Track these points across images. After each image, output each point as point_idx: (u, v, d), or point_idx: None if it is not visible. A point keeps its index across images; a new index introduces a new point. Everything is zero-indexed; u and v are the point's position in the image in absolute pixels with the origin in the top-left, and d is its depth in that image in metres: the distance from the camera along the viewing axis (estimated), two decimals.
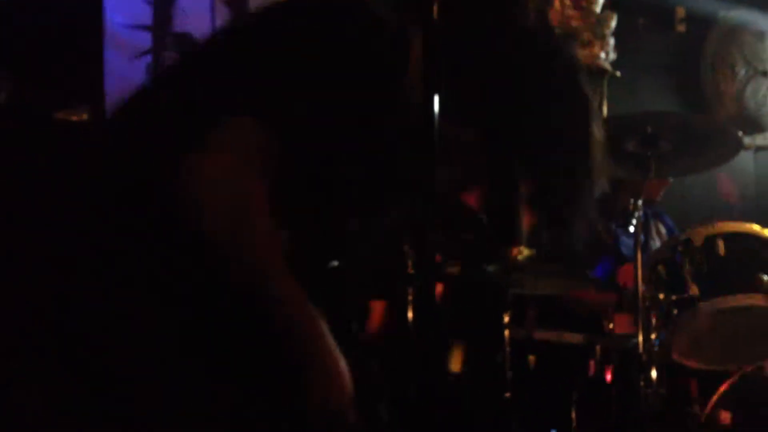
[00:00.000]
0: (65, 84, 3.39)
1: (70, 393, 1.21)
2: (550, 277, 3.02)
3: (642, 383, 2.49)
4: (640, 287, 2.50)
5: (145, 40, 3.75)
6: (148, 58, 3.74)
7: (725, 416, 2.75)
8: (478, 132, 1.36)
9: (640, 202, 2.53)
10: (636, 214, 2.51)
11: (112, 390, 1.22)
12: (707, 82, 4.98)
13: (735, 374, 2.79)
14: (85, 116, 3.27)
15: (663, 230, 3.69)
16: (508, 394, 2.94)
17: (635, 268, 2.52)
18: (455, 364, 3.15)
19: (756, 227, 2.88)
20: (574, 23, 3.90)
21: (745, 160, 4.92)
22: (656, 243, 3.55)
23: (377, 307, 3.16)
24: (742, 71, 5.03)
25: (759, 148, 5.06)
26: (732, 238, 2.80)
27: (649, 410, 2.61)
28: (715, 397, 2.78)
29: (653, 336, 2.64)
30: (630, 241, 3.39)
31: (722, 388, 2.78)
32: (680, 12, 4.82)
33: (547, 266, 3.06)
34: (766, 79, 5.08)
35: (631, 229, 2.96)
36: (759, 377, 2.82)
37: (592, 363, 3.00)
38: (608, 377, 2.99)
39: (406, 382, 3.00)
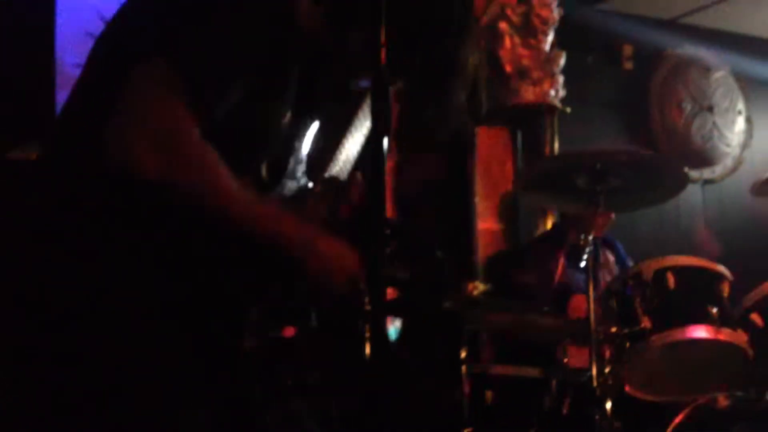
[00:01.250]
0: (16, 124, 3.36)
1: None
2: (505, 312, 3.04)
3: (597, 416, 2.51)
4: (593, 321, 2.53)
5: None
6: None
7: None
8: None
9: (590, 237, 2.57)
10: (587, 249, 2.55)
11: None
12: (655, 118, 5.10)
13: (688, 406, 2.82)
14: (35, 156, 3.23)
15: (611, 258, 3.74)
16: (467, 430, 2.95)
17: (587, 301, 2.55)
18: None
19: (703, 260, 2.93)
20: (525, 62, 3.97)
21: (693, 193, 5.03)
22: (604, 273, 3.60)
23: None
24: (688, 107, 5.16)
25: (706, 182, 5.18)
26: (681, 271, 2.84)
27: None
28: (669, 430, 2.80)
29: (607, 369, 2.66)
30: (580, 275, 3.45)
31: (676, 420, 2.81)
32: (627, 50, 4.94)
33: (502, 301, 3.09)
34: (712, 115, 5.22)
35: (582, 263, 3.01)
36: (712, 409, 2.85)
37: (548, 397, 3.02)
38: (564, 410, 3.02)
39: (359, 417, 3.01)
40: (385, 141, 1.19)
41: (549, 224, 4.41)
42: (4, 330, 1.36)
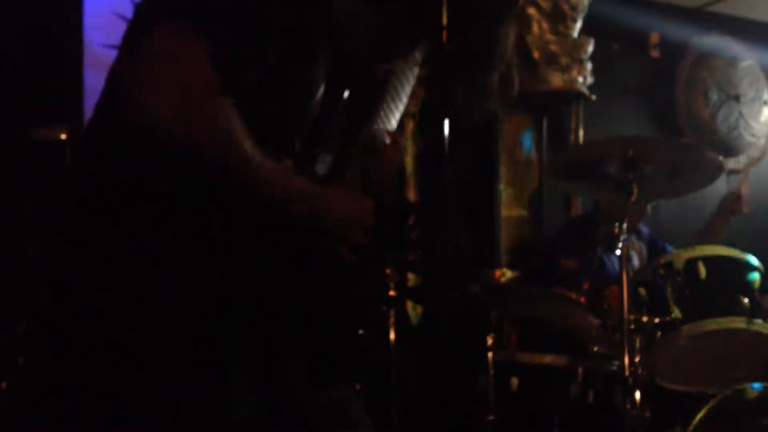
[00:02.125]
0: (44, 103, 3.35)
1: None
2: (533, 299, 3.03)
3: (628, 405, 2.49)
4: (626, 310, 2.51)
5: None
6: None
7: None
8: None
9: (624, 226, 2.54)
10: (621, 238, 2.52)
11: None
12: (680, 107, 5.05)
13: (716, 397, 2.81)
14: (63, 135, 3.23)
15: (638, 244, 3.72)
16: (491, 417, 2.94)
17: (621, 291, 2.53)
18: None
19: (735, 251, 2.91)
20: (552, 48, 3.94)
21: (717, 183, 4.98)
22: (634, 259, 3.58)
23: None
24: (714, 96, 5.11)
25: (731, 172, 5.13)
26: (712, 261, 2.83)
27: None
28: (696, 420, 2.79)
29: (637, 358, 2.64)
30: (614, 264, 3.43)
31: (704, 411, 2.79)
32: (654, 38, 4.89)
33: (530, 288, 3.07)
34: (738, 104, 5.17)
35: (618, 252, 2.98)
36: (740, 400, 2.83)
37: (574, 385, 3.00)
38: (590, 399, 3.00)
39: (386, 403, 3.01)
40: (446, 125, 1.17)
41: (573, 212, 4.38)
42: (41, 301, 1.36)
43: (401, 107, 1.71)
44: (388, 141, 1.65)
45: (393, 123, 1.71)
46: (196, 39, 1.28)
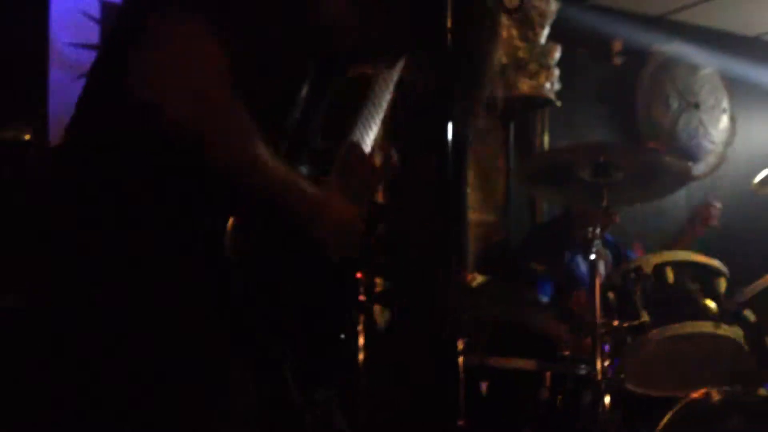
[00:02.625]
0: (8, 103, 3.29)
1: None
2: (503, 303, 3.05)
3: (600, 409, 2.52)
4: (598, 314, 2.55)
5: (91, 59, 3.66)
6: None
7: None
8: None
9: (598, 231, 2.58)
10: (595, 242, 2.56)
11: None
12: (642, 114, 5.13)
13: (682, 400, 2.85)
14: (27, 136, 3.18)
15: (603, 250, 3.76)
16: (461, 422, 2.95)
17: (592, 295, 2.56)
18: None
19: (701, 256, 2.96)
20: (521, 54, 3.97)
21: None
22: (600, 264, 3.63)
23: None
24: (675, 104, 5.20)
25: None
26: (680, 266, 2.88)
27: None
28: (663, 423, 2.83)
29: (606, 362, 2.68)
30: (582, 269, 3.47)
31: (670, 414, 2.84)
32: (617, 45, 4.95)
33: (501, 292, 3.09)
34: (698, 112, 5.26)
35: (583, 257, 3.01)
36: (706, 403, 2.88)
37: (543, 389, 3.03)
38: (559, 403, 3.03)
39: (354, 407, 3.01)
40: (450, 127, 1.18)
41: (538, 217, 4.43)
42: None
43: (381, 115, 1.72)
44: (368, 153, 1.66)
45: (373, 131, 1.71)
46: (209, 32, 1.26)
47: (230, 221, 1.34)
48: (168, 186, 1.34)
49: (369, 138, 1.70)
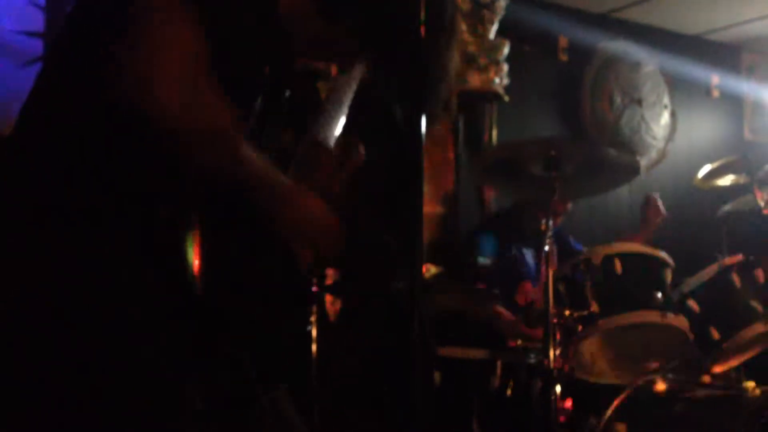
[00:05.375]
0: None
1: None
2: (456, 294, 3.09)
3: (552, 397, 2.58)
4: (551, 305, 2.60)
5: (36, 47, 3.60)
6: (39, 66, 3.59)
7: (621, 428, 2.87)
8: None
9: (550, 223, 2.63)
10: (548, 234, 2.60)
11: None
12: (586, 110, 5.22)
13: (629, 387, 2.92)
14: None
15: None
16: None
17: (546, 285, 2.61)
18: None
19: (648, 248, 3.03)
20: (471, 48, 4.01)
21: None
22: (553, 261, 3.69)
23: None
24: (618, 100, 5.31)
25: None
26: (628, 257, 2.94)
27: (552, 423, 2.70)
28: (610, 410, 2.90)
29: (558, 352, 2.73)
30: (529, 261, 3.53)
31: (617, 401, 2.91)
32: (563, 41, 5.04)
33: (453, 283, 3.12)
34: (640, 108, 5.38)
35: (530, 250, 3.07)
36: (652, 390, 2.96)
37: (494, 378, 3.08)
38: (509, 392, 3.08)
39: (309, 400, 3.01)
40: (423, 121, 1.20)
41: (486, 210, 4.48)
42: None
43: (344, 113, 1.73)
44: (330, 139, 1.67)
45: (336, 129, 1.72)
46: (190, 23, 1.25)
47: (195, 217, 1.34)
48: (134, 177, 1.32)
49: (331, 136, 1.71)
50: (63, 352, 1.26)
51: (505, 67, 4.21)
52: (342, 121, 1.74)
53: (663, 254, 2.99)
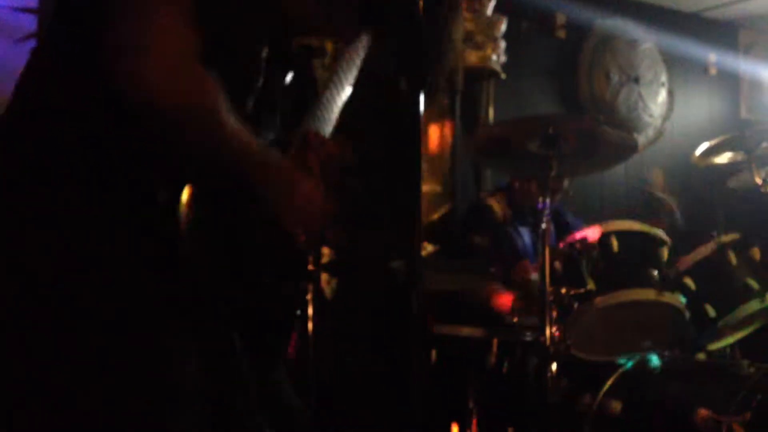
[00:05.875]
0: None
1: None
2: (452, 273, 3.09)
3: (548, 375, 2.58)
4: (547, 282, 2.60)
5: (30, 23, 3.58)
6: (33, 42, 3.56)
7: (616, 405, 2.88)
8: None
9: (548, 201, 2.62)
10: (545, 213, 2.60)
11: None
12: (583, 87, 5.21)
13: (624, 365, 2.93)
14: None
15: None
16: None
17: (543, 263, 2.61)
18: None
19: (645, 225, 3.03)
20: (468, 25, 3.99)
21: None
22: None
23: None
24: (615, 78, 5.29)
25: None
26: (624, 235, 2.94)
27: (548, 400, 2.71)
28: (605, 387, 2.91)
29: (554, 329, 2.73)
30: (526, 239, 3.53)
31: (612, 379, 2.92)
32: (560, 18, 5.01)
33: (450, 262, 3.12)
34: (637, 86, 5.36)
35: (543, 225, 3.05)
36: (646, 368, 2.97)
37: (490, 356, 3.08)
38: (505, 370, 3.09)
39: (305, 378, 3.02)
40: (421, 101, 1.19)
41: (483, 188, 4.47)
42: None
43: (346, 93, 1.72)
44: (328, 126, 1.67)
45: (336, 111, 1.71)
46: (184, 6, 1.25)
47: (187, 192, 1.33)
48: (126, 152, 1.32)
49: (332, 117, 1.70)
50: (55, 313, 1.27)
51: (503, 45, 4.19)
52: (344, 99, 1.73)
53: (659, 232, 3.00)
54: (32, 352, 1.28)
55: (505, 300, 3.24)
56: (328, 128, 1.73)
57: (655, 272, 2.86)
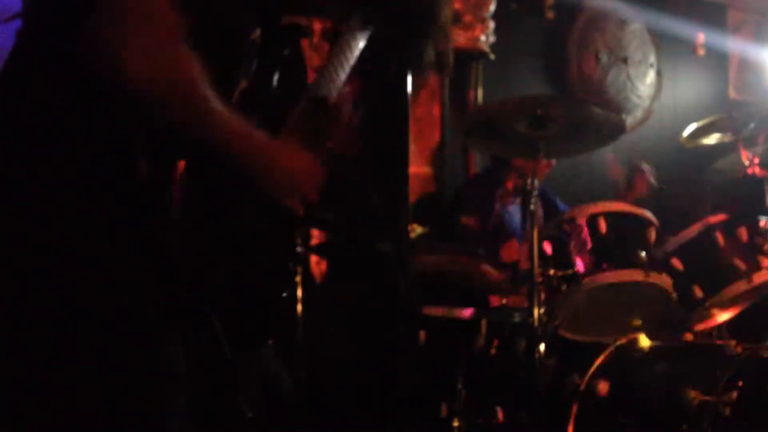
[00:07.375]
0: None
1: None
2: (441, 254, 3.08)
3: (537, 356, 2.59)
4: (536, 264, 2.60)
5: (15, 3, 3.53)
6: (18, 23, 3.53)
7: (604, 385, 2.90)
8: None
9: (536, 182, 2.62)
10: (533, 193, 2.60)
11: None
12: (572, 68, 5.19)
13: (612, 345, 2.94)
14: None
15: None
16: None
17: (531, 244, 2.61)
18: None
19: (633, 207, 3.04)
20: (456, 5, 3.97)
21: None
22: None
23: None
24: (604, 58, 5.28)
25: None
26: (612, 216, 2.95)
27: (536, 381, 2.72)
28: (593, 368, 2.92)
29: (542, 310, 2.74)
30: (513, 219, 3.53)
31: (600, 359, 2.93)
32: None
33: (439, 243, 3.12)
34: (626, 66, 5.36)
35: (513, 207, 3.06)
36: (632, 348, 2.98)
37: (479, 337, 3.09)
38: (494, 351, 3.09)
39: (294, 363, 3.02)
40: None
41: (471, 169, 4.47)
42: None
43: (347, 70, 1.71)
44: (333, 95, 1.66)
45: (338, 85, 1.70)
46: None
47: (179, 168, 1.32)
48: (110, 133, 1.31)
49: (333, 92, 1.69)
50: (42, 305, 1.26)
51: (491, 25, 4.17)
52: (343, 78, 1.72)
53: (647, 213, 3.00)
54: (13, 349, 1.26)
55: (511, 251, 3.24)
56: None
57: (643, 253, 2.87)
